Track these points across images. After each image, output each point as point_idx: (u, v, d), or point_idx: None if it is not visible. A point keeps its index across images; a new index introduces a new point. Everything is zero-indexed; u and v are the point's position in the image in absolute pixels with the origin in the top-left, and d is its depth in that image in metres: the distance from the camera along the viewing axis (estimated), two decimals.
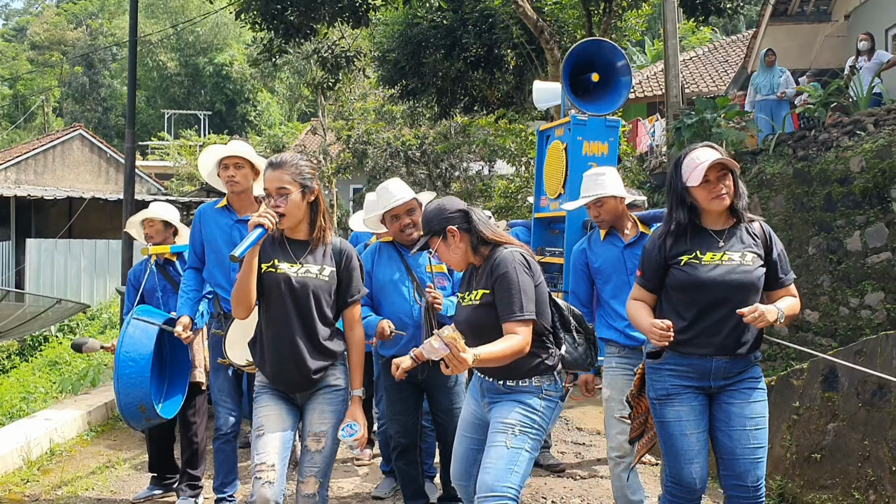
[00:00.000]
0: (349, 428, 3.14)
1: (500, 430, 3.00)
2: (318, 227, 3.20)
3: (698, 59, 21.31)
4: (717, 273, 3.02)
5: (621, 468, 3.99)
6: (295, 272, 3.12)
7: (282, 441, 3.12)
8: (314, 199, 3.19)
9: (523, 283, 2.98)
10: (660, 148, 13.03)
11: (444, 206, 3.17)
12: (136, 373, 4.17)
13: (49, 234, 19.37)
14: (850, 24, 14.16)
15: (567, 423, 6.71)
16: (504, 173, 19.91)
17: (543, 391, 3.07)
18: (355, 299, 3.25)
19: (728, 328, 3.02)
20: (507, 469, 2.93)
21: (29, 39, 54.39)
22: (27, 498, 4.87)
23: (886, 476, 3.86)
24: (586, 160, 5.33)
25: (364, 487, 5.05)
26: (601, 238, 4.15)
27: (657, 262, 3.15)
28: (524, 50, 13.65)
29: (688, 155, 3.10)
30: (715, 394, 3.11)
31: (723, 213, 3.13)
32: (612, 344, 4.09)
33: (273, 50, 13.07)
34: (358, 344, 3.27)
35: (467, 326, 3.05)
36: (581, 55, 5.91)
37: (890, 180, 7.20)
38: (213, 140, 35.23)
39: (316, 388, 3.20)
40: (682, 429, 3.06)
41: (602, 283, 4.13)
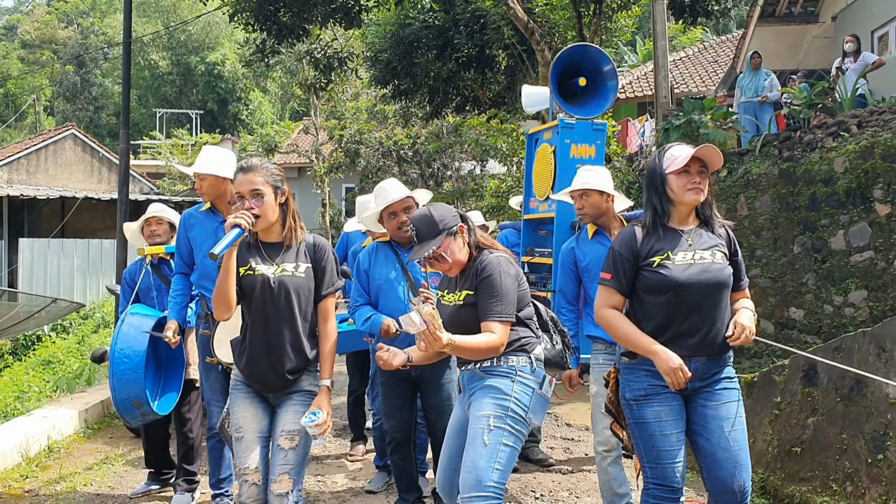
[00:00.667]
0: (312, 415, 3.17)
1: (477, 427, 3.05)
2: (288, 227, 3.29)
3: (688, 60, 21.46)
4: (692, 273, 2.99)
5: (608, 462, 4.08)
6: (272, 273, 3.20)
7: (261, 443, 3.23)
8: (285, 200, 3.27)
9: (505, 285, 3.10)
10: (649, 148, 13.15)
11: (447, 209, 3.27)
12: (130, 369, 4.26)
13: (42, 233, 19.40)
14: (836, 25, 14.33)
15: (556, 420, 6.83)
16: (496, 173, 20.03)
17: (517, 372, 3.12)
18: (329, 292, 3.30)
19: (705, 328, 3.00)
20: (489, 467, 2.97)
21: (20, 38, 54.21)
22: (27, 493, 4.97)
23: (863, 468, 4.00)
24: (574, 162, 5.46)
25: (357, 482, 5.16)
26: (589, 237, 4.25)
27: (630, 263, 3.08)
28: (515, 50, 13.77)
29: (671, 148, 3.13)
30: (690, 396, 3.07)
31: (690, 213, 3.12)
32: (599, 341, 4.18)
33: (266, 50, 13.16)
34: (331, 335, 3.30)
35: (449, 325, 3.13)
36: (568, 60, 6.04)
37: (872, 181, 7.34)
38: (206, 140, 35.25)
39: (290, 390, 3.26)
40: (662, 429, 3.01)
41: (589, 281, 4.21)
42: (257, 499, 3.16)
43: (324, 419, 3.17)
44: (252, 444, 3.21)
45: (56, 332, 15.84)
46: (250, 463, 3.18)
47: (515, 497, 4.82)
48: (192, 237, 4.28)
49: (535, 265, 6.01)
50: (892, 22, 12.51)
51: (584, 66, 6.08)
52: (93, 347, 13.52)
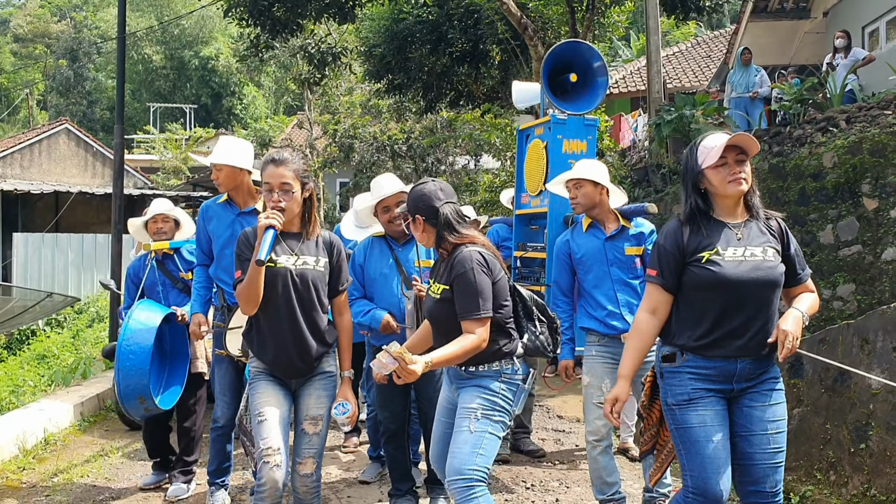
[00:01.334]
0: (342, 406, 3.37)
1: (464, 416, 3.16)
2: (311, 222, 3.42)
3: (681, 55, 21.53)
4: (743, 270, 2.83)
5: (598, 451, 4.16)
6: (294, 265, 3.31)
7: (282, 426, 3.29)
8: (309, 195, 3.40)
9: (480, 282, 3.13)
10: (642, 143, 13.23)
11: (422, 196, 3.28)
12: (135, 365, 4.32)
13: (36, 228, 19.42)
14: (828, 20, 14.41)
15: (548, 412, 6.91)
16: (490, 168, 20.10)
17: (503, 374, 3.21)
18: (344, 287, 3.49)
19: (754, 328, 2.84)
20: (473, 452, 3.08)
21: (12, 32, 54.04)
22: (24, 485, 5.03)
23: (846, 457, 4.08)
24: (566, 158, 5.50)
25: (351, 473, 5.23)
26: (584, 230, 4.33)
27: (676, 259, 2.93)
28: (509, 45, 13.82)
29: (704, 138, 2.96)
30: (735, 398, 2.94)
31: (738, 205, 2.95)
32: (593, 333, 4.26)
33: (260, 46, 13.19)
34: (347, 329, 3.53)
35: (429, 317, 3.36)
36: (559, 56, 6.09)
37: (860, 176, 7.43)
38: (199, 134, 35.23)
39: (311, 374, 3.41)
40: (707, 434, 2.86)
41: (584, 273, 4.30)
42: (276, 478, 3.17)
43: (354, 410, 3.40)
44: (274, 426, 3.27)
45: (50, 327, 15.88)
46: (273, 443, 3.22)
47: (507, 487, 4.90)
48: (211, 230, 4.30)
49: (527, 260, 6.06)
50: (882, 18, 12.60)
51: (575, 62, 6.12)
52: (87, 342, 13.59)
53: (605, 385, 4.16)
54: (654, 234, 4.32)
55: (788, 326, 2.80)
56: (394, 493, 4.38)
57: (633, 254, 4.25)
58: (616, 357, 4.13)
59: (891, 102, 7.76)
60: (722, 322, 2.85)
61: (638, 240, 4.27)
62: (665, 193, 9.57)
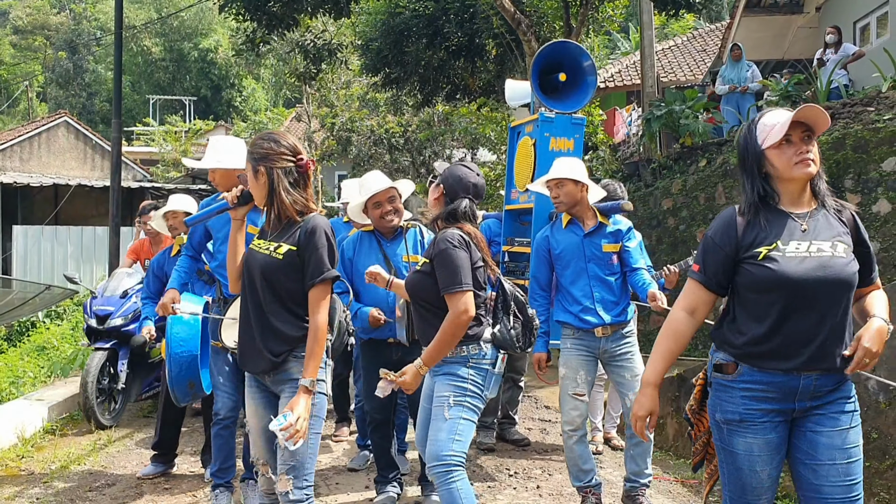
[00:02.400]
0: (282, 417, 2.87)
1: (438, 405, 3.33)
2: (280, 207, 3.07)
3: (677, 49, 21.62)
4: (808, 268, 2.45)
5: (573, 440, 4.30)
6: (256, 247, 3.10)
7: (264, 438, 3.16)
8: (267, 178, 3.06)
9: (458, 257, 3.29)
10: (634, 137, 13.35)
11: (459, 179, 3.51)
12: (187, 352, 4.44)
13: (35, 220, 19.54)
14: (821, 15, 14.52)
15: (536, 402, 7.07)
16: (486, 161, 20.23)
17: (470, 360, 3.35)
18: (313, 282, 3.00)
19: (821, 336, 2.45)
20: (449, 439, 3.25)
21: (11, 24, 54.05)
22: (23, 472, 5.18)
23: None
24: (553, 155, 5.57)
25: (341, 461, 5.39)
26: (563, 226, 4.43)
27: (726, 256, 2.57)
28: (504, 40, 13.91)
29: (764, 115, 2.61)
30: (798, 418, 2.55)
31: (804, 191, 2.57)
32: (568, 326, 4.36)
33: (256, 41, 13.29)
34: (315, 331, 2.97)
35: (407, 287, 3.54)
36: (549, 56, 6.21)
37: (843, 171, 7.56)
38: (199, 126, 35.32)
39: (285, 377, 3.05)
40: (752, 464, 2.54)
41: (561, 268, 4.40)
42: (270, 489, 3.20)
43: (291, 422, 2.84)
44: (256, 438, 3.22)
45: (50, 319, 16.02)
46: (258, 455, 3.23)
47: (490, 475, 5.05)
48: (210, 225, 4.38)
49: (515, 254, 6.19)
50: (873, 13, 12.71)
51: (565, 61, 6.24)
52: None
53: (579, 377, 4.28)
54: (631, 231, 4.42)
55: (870, 343, 2.43)
56: (379, 480, 4.53)
57: (610, 251, 4.33)
58: (590, 350, 4.30)
59: (873, 99, 7.89)
60: (782, 329, 2.47)
61: (615, 237, 4.36)
62: (654, 188, 9.71)
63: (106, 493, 4.80)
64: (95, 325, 6.42)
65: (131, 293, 6.56)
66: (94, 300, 6.68)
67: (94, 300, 6.66)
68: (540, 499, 4.66)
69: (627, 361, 4.33)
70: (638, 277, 4.28)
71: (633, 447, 4.36)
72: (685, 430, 5.45)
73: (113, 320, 6.37)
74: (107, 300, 6.58)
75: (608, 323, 4.26)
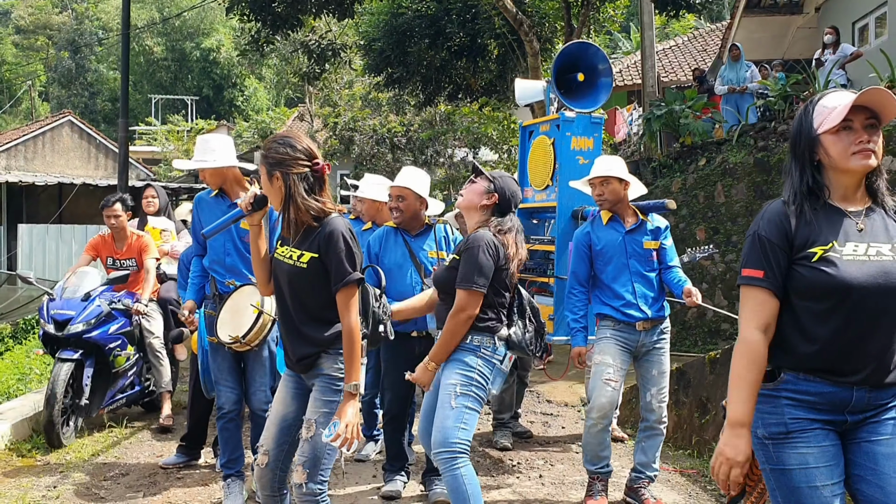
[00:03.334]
0: (332, 427, 2.91)
1: (445, 393, 3.46)
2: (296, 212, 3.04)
3: (677, 48, 21.76)
4: (869, 274, 2.16)
5: (598, 428, 4.33)
6: (280, 256, 3.12)
7: (279, 426, 3.17)
8: (283, 183, 3.03)
9: (482, 260, 3.43)
10: (634, 137, 13.48)
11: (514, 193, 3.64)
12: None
13: (40, 219, 19.69)
14: (820, 16, 14.66)
15: (538, 397, 7.21)
16: (488, 160, 20.37)
17: (481, 350, 3.49)
18: (338, 287, 3.00)
19: (881, 351, 2.18)
20: (455, 427, 3.38)
21: (14, 23, 54.24)
22: (39, 462, 5.32)
23: None
24: (574, 154, 5.69)
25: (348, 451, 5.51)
26: (604, 223, 4.50)
27: (784, 254, 2.23)
28: (506, 40, 14.07)
29: (823, 98, 2.28)
30: (849, 430, 2.25)
31: (859, 186, 2.28)
32: (608, 318, 4.41)
33: (260, 41, 13.43)
34: (349, 333, 2.99)
35: (435, 281, 3.68)
36: (568, 57, 6.33)
37: None
38: (201, 126, 35.48)
39: (315, 373, 3.09)
40: (810, 479, 2.19)
41: (602, 264, 4.44)
42: (262, 479, 3.16)
43: (340, 432, 2.89)
44: (271, 424, 3.20)
45: None
46: (263, 442, 3.19)
47: (494, 465, 5.19)
48: (204, 221, 4.40)
49: (531, 252, 6.26)
50: (871, 14, 12.85)
51: (582, 62, 6.34)
52: None
53: (615, 365, 4.32)
54: (668, 230, 4.54)
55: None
56: (388, 469, 4.67)
57: (651, 248, 4.43)
58: (629, 342, 4.36)
59: None
60: (837, 343, 2.18)
61: (655, 234, 4.45)
62: (655, 187, 9.85)
63: (121, 482, 4.94)
64: (53, 332, 5.62)
65: (94, 295, 5.80)
66: (51, 303, 5.83)
67: (52, 303, 5.82)
68: (542, 487, 4.79)
69: (658, 357, 4.42)
70: (673, 274, 4.42)
71: (644, 439, 4.45)
72: (684, 421, 5.60)
73: (73, 326, 5.60)
74: (66, 303, 5.77)
75: (650, 318, 4.34)
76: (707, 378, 5.46)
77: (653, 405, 4.41)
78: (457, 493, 3.36)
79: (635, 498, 4.44)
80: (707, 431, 5.32)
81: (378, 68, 15.90)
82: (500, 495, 4.63)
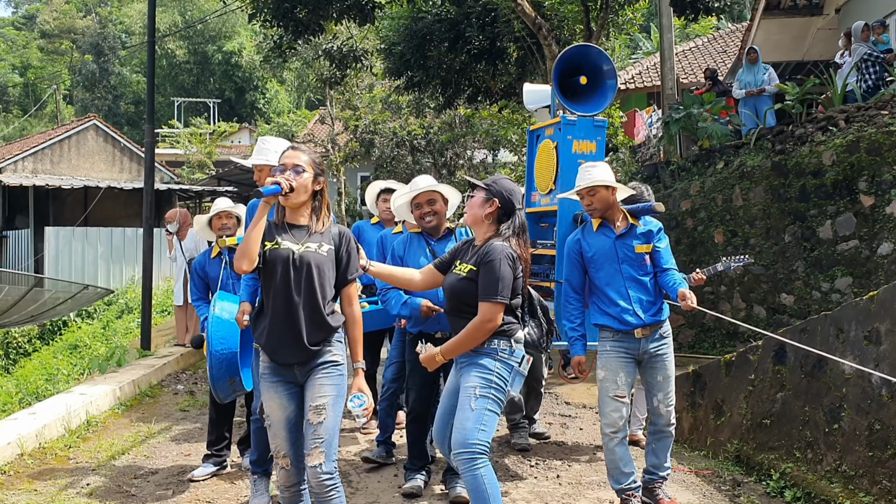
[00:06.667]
0: (356, 399, 3.33)
1: (465, 395, 3.55)
2: (320, 217, 3.47)
3: (697, 50, 21.73)
4: None
5: (615, 443, 4.32)
6: (297, 248, 3.37)
7: (287, 429, 3.39)
8: (320, 189, 3.47)
9: (504, 272, 3.54)
10: (653, 139, 13.52)
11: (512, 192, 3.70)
12: (227, 350, 4.60)
13: (66, 222, 20.01)
14: (840, 17, 14.60)
15: (556, 398, 7.30)
16: (507, 161, 20.45)
17: (499, 353, 3.58)
18: (353, 277, 3.50)
19: None
20: (475, 428, 3.47)
21: (39, 28, 54.99)
22: (71, 461, 5.50)
23: (821, 437, 4.44)
24: (576, 158, 5.69)
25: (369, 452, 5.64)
26: (594, 229, 4.45)
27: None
28: (525, 43, 14.13)
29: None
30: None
31: None
32: (607, 329, 4.37)
33: (283, 47, 13.60)
34: (357, 320, 3.51)
35: (447, 290, 3.74)
36: (570, 60, 6.36)
37: (858, 173, 7.74)
38: (224, 128, 35.81)
39: (314, 363, 3.36)
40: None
41: (595, 270, 4.41)
42: (289, 481, 3.39)
43: (370, 402, 3.36)
44: (279, 430, 3.38)
45: (81, 318, 16.45)
46: (279, 449, 3.38)
47: (512, 464, 5.30)
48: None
49: (537, 257, 6.33)
50: (893, 14, 12.79)
51: (585, 65, 6.38)
52: (118, 332, 14.13)
53: (619, 379, 4.31)
54: (661, 232, 4.49)
55: None
56: (409, 467, 4.80)
57: (643, 251, 4.36)
58: (630, 352, 4.34)
59: (887, 103, 8.06)
60: None
61: (647, 237, 4.38)
62: (673, 189, 9.91)
63: (150, 480, 5.10)
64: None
65: None
66: None
67: None
68: (559, 487, 4.89)
69: (661, 363, 4.38)
70: (668, 277, 4.33)
71: (654, 441, 4.48)
72: (699, 423, 5.68)
73: None
74: None
75: (647, 323, 4.30)
76: (722, 380, 5.54)
77: (660, 410, 4.40)
78: (477, 493, 3.46)
79: (651, 498, 4.50)
80: (722, 433, 5.41)
81: (398, 72, 16.00)
82: (518, 495, 4.74)
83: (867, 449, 4.12)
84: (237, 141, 39.75)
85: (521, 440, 5.70)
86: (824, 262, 8.02)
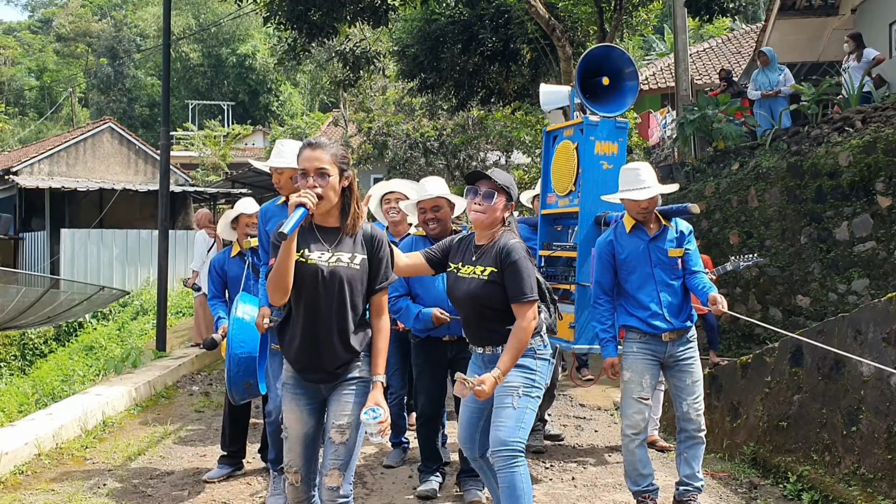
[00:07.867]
0: (371, 412, 3.04)
1: (506, 394, 3.50)
2: (351, 214, 3.15)
3: (711, 51, 21.64)
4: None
5: (635, 444, 4.28)
6: (326, 262, 3.08)
7: (303, 445, 3.21)
8: (348, 184, 3.16)
9: (529, 269, 3.50)
10: (668, 140, 13.48)
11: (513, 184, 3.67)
12: (246, 353, 4.60)
13: (81, 224, 20.16)
14: (856, 17, 14.50)
15: (571, 401, 7.28)
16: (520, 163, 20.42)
17: (537, 352, 3.57)
18: (383, 286, 3.21)
19: None
20: (516, 426, 3.47)
21: (55, 31, 55.40)
22: (88, 461, 5.53)
23: (839, 440, 4.41)
24: (598, 159, 5.60)
25: (384, 454, 5.65)
26: (626, 231, 4.38)
27: None
28: (539, 45, 14.12)
29: None
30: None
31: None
32: (634, 331, 4.33)
33: (297, 49, 13.65)
34: (384, 331, 3.20)
35: (468, 296, 3.57)
36: (592, 60, 6.33)
37: (875, 174, 7.68)
38: (238, 131, 35.95)
39: (346, 378, 3.16)
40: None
41: (627, 273, 4.35)
42: (298, 497, 3.22)
43: (386, 416, 3.04)
44: (295, 444, 3.21)
45: (97, 319, 16.56)
46: (291, 464, 3.21)
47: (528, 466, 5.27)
48: (270, 230, 4.42)
49: (552, 259, 6.29)
50: None
51: (607, 65, 6.33)
52: (133, 333, 14.22)
53: (644, 381, 4.28)
54: (691, 234, 4.44)
55: None
56: (423, 470, 4.79)
57: (676, 255, 4.32)
58: (656, 354, 4.29)
59: None
60: None
61: (679, 241, 4.34)
62: (688, 190, 9.87)
63: (166, 480, 5.12)
64: None
65: None
66: None
67: None
68: (575, 489, 4.88)
69: (689, 366, 4.32)
70: (697, 280, 4.28)
71: (686, 450, 4.35)
72: (715, 425, 5.65)
73: None
74: None
75: (676, 328, 4.26)
76: (738, 383, 5.51)
77: (690, 415, 4.31)
78: (513, 491, 3.45)
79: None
80: (738, 435, 5.38)
81: (412, 74, 16.04)
82: (533, 497, 4.72)
83: (886, 451, 4.09)
84: (251, 143, 39.87)
85: (536, 442, 5.68)
86: (841, 263, 7.97)
